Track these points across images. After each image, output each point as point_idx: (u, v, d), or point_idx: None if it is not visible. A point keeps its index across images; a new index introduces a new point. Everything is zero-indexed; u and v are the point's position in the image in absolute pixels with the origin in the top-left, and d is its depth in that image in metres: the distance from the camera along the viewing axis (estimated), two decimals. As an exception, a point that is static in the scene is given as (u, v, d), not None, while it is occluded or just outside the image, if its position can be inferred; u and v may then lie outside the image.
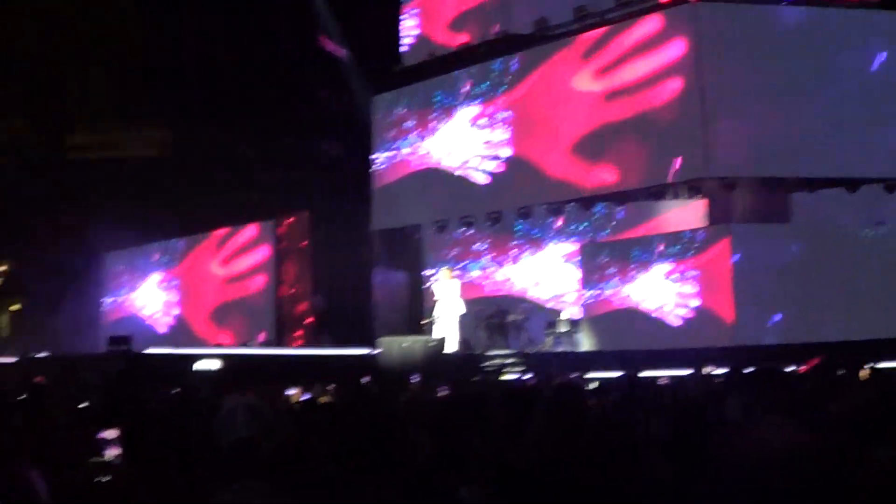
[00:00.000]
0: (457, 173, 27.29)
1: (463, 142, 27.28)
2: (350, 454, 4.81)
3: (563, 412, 5.31)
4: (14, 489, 3.36)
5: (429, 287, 23.81)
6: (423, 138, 28.31)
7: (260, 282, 31.86)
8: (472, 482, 4.33)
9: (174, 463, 5.34)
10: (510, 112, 26.39)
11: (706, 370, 14.69)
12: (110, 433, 5.89)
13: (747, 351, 19.22)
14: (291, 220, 31.38)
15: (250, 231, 32.36)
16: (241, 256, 32.74)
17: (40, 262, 41.00)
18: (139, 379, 16.76)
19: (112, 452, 5.81)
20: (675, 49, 23.04)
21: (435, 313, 23.12)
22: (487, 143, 26.76)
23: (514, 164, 26.05)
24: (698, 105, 22.34)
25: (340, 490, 4.56)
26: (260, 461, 3.96)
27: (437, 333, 22.72)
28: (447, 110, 27.82)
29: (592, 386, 13.25)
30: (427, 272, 28.40)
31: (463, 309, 22.97)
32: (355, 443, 4.98)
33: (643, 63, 23.67)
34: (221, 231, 33.37)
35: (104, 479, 5.54)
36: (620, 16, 24.66)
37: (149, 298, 36.24)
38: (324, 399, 11.11)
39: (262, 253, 31.86)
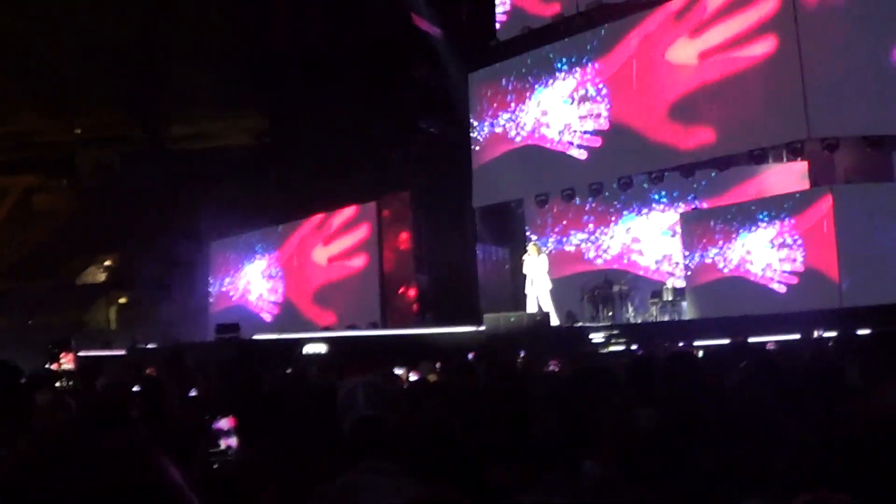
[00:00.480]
0: (555, 146, 27.61)
1: (560, 114, 27.63)
2: (473, 431, 5.07)
3: (679, 382, 5.55)
4: (149, 478, 3.36)
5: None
6: (520, 113, 28.67)
7: (362, 262, 32.19)
8: (596, 455, 4.20)
9: (294, 447, 5.62)
10: (606, 81, 26.71)
11: (816, 334, 14.71)
12: (226, 422, 6.01)
13: (855, 313, 19.21)
14: (392, 200, 31.69)
15: (350, 211, 32.69)
16: (343, 236, 33.11)
17: (146, 253, 41.92)
18: (250, 365, 17.27)
19: (229, 441, 5.93)
20: (771, 4, 23.08)
21: (526, 290, 23.42)
22: (585, 113, 27.09)
23: (613, 134, 26.33)
24: (796, 63, 22.35)
25: (465, 468, 4.75)
26: (382, 440, 3.99)
27: (530, 309, 23.02)
28: (543, 83, 28.18)
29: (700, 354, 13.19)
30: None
31: (550, 285, 23.20)
32: (478, 420, 5.29)
33: (737, 21, 23.85)
34: (322, 214, 33.76)
35: (224, 468, 5.76)
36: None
37: (253, 285, 36.80)
38: (433, 378, 11.08)
39: (363, 232, 32.18)
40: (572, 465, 4.01)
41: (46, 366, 17.71)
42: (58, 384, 13.69)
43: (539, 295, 23.10)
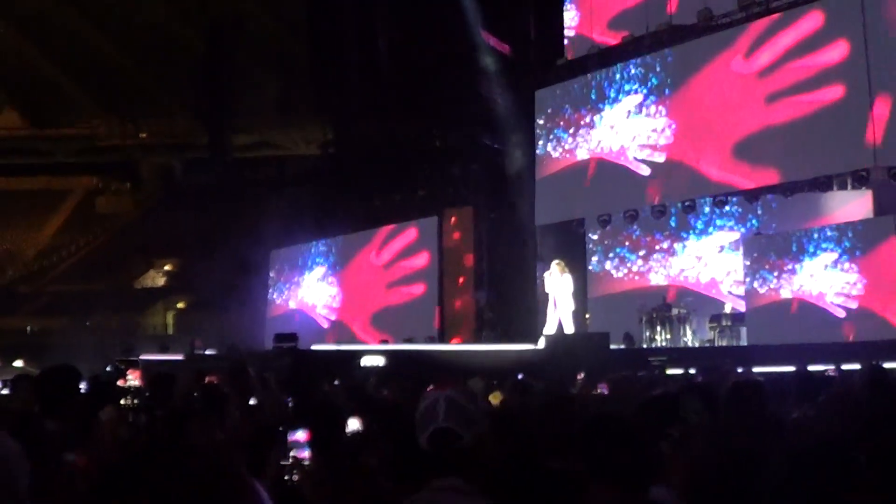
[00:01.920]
0: (619, 167, 27.81)
1: (625, 135, 27.87)
2: (549, 454, 5.22)
3: (746, 410, 5.57)
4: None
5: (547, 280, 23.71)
6: (585, 132, 28.92)
7: (422, 282, 32.32)
8: (665, 482, 4.29)
9: (365, 461, 5.84)
10: (672, 106, 26.92)
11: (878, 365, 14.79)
12: (302, 434, 5.92)
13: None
14: (455, 216, 31.93)
15: (412, 231, 32.89)
16: (403, 258, 33.26)
17: (206, 259, 42.43)
18: (311, 376, 17.55)
19: (302, 454, 5.85)
20: (841, 36, 23.22)
21: (548, 310, 23.21)
22: (649, 136, 27.25)
23: (677, 158, 26.49)
24: (865, 92, 22.45)
25: (537, 489, 4.91)
26: (459, 452, 3.97)
27: (549, 328, 22.98)
28: (609, 103, 28.43)
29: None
30: (590, 267, 28.97)
31: (573, 305, 23.11)
32: (546, 442, 5.40)
33: (809, 50, 23.92)
34: (385, 229, 34.00)
35: (297, 482, 5.77)
36: (786, 4, 24.92)
37: (313, 295, 37.13)
38: (495, 399, 11.26)
39: (424, 253, 32.34)
40: (642, 491, 4.00)
41: (110, 372, 18.08)
42: (123, 401, 13.99)
43: (562, 316, 22.95)
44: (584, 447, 4.12)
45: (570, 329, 22.96)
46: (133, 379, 18.83)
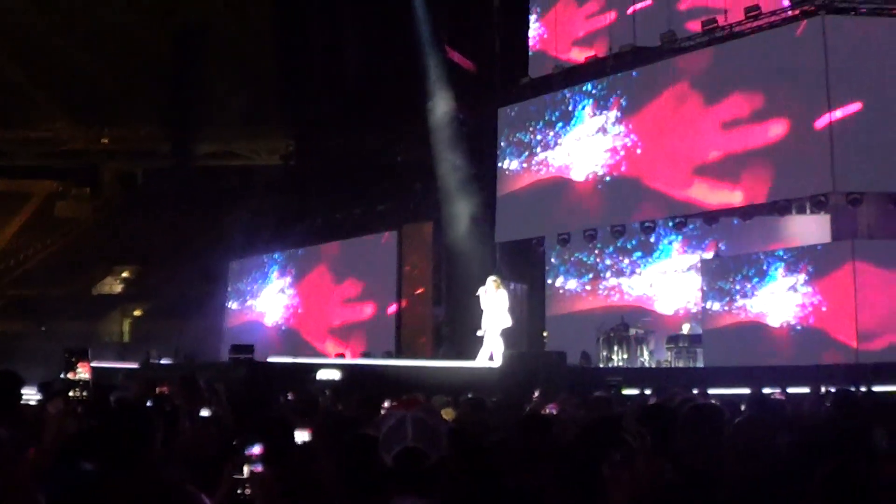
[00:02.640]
0: (580, 186, 27.87)
1: (586, 155, 27.91)
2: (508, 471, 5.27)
3: (703, 434, 5.53)
4: None
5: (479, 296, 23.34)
6: (547, 150, 28.98)
7: (379, 294, 32.28)
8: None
9: (324, 477, 5.73)
10: (633, 127, 27.00)
11: (823, 389, 14.87)
12: (257, 448, 5.85)
13: (873, 369, 19.37)
14: (414, 230, 31.89)
15: (372, 241, 32.83)
16: (361, 270, 33.15)
17: (164, 268, 42.19)
18: (266, 388, 17.41)
19: (256, 468, 5.78)
20: (803, 63, 23.40)
21: (482, 325, 22.62)
22: (610, 156, 27.31)
23: (638, 178, 26.58)
24: (825, 119, 22.63)
25: None
26: (424, 472, 3.95)
27: (484, 347, 22.64)
28: (572, 123, 28.47)
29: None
30: (549, 284, 29.02)
31: (509, 322, 22.87)
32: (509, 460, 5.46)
33: (771, 77, 24.09)
34: (343, 241, 33.91)
35: (250, 496, 5.71)
36: (749, 29, 25.09)
37: (271, 306, 37.00)
38: (448, 415, 11.27)
39: (385, 263, 32.28)
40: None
41: (63, 375, 17.78)
42: (71, 393, 13.78)
43: (491, 333, 22.50)
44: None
45: (496, 347, 22.65)
46: (83, 371, 18.53)
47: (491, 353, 22.22)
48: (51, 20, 52.11)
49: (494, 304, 22.33)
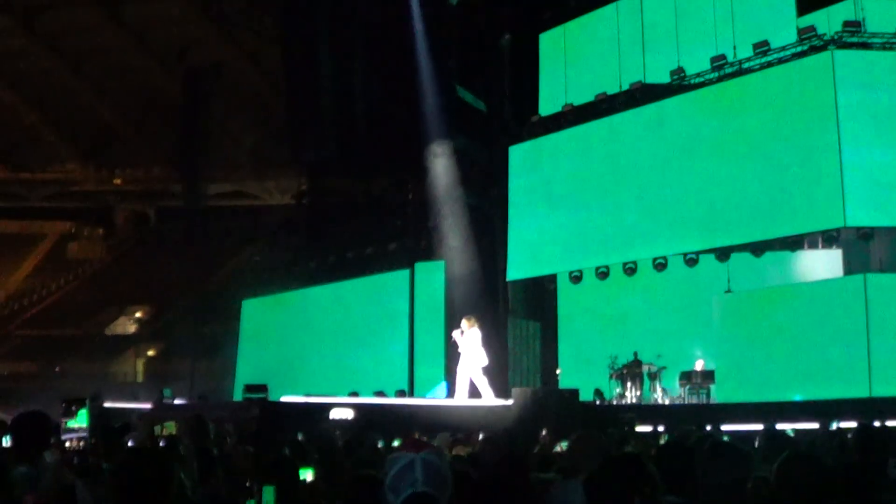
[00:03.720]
0: (592, 224, 27.79)
1: (598, 192, 27.84)
2: None
3: (722, 471, 5.38)
4: None
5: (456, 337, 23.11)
6: (558, 188, 28.88)
7: (393, 331, 32.12)
8: None
9: None
10: (644, 163, 26.92)
11: (835, 426, 14.81)
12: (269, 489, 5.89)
13: (887, 403, 19.32)
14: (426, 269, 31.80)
15: (385, 280, 32.73)
16: (376, 312, 33.01)
17: (177, 308, 42.18)
18: (276, 428, 17.33)
19: None
20: (813, 98, 23.38)
21: (460, 365, 22.42)
22: (622, 193, 27.28)
23: (650, 215, 26.51)
24: (835, 154, 22.57)
25: None
26: None
27: (459, 385, 22.60)
28: (582, 160, 28.41)
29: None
30: (562, 323, 28.97)
31: (485, 360, 22.76)
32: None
33: (781, 112, 24.08)
34: (356, 279, 33.80)
35: None
36: (758, 65, 25.10)
37: (285, 346, 36.77)
38: (461, 451, 10.89)
39: (398, 304, 32.13)
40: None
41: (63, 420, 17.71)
42: (68, 444, 13.67)
43: (471, 373, 22.56)
44: None
45: (482, 385, 22.48)
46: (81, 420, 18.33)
47: (473, 391, 22.20)
48: (63, 63, 52.43)
49: (471, 342, 22.19)
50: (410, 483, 3.86)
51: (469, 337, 22.08)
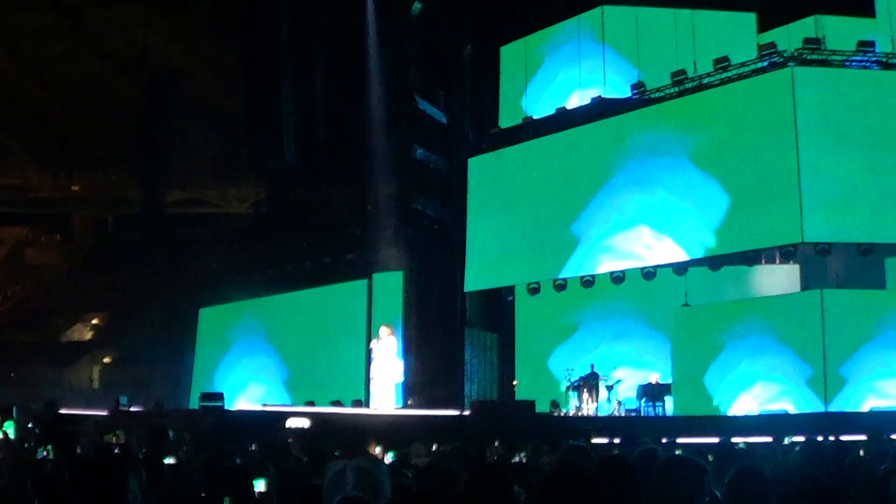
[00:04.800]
0: (550, 237, 27.74)
1: (556, 206, 27.79)
2: None
3: (679, 485, 5.30)
4: None
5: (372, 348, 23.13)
6: (516, 200, 28.81)
7: (349, 341, 31.97)
8: None
9: None
10: (602, 177, 26.89)
11: (787, 440, 14.87)
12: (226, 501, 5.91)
13: (846, 418, 19.43)
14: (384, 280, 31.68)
15: (343, 289, 32.59)
16: (332, 322, 32.88)
17: (134, 315, 41.83)
18: (231, 437, 17.18)
19: None
20: (772, 115, 23.42)
21: (372, 373, 22.89)
22: (580, 206, 27.23)
23: (606, 229, 26.50)
24: (793, 170, 22.60)
25: None
26: None
27: (375, 394, 22.58)
28: (540, 173, 28.36)
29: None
30: (519, 334, 28.92)
31: (399, 371, 22.75)
32: None
33: (740, 128, 24.12)
34: (313, 289, 33.64)
35: None
36: (718, 80, 25.13)
37: (241, 354, 36.56)
38: (417, 460, 11.08)
39: (355, 314, 31.97)
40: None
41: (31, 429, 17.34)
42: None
43: (382, 381, 22.60)
44: None
45: (387, 394, 22.36)
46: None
47: (379, 405, 22.27)
48: (21, 68, 51.90)
49: (386, 351, 22.53)
50: (341, 489, 3.97)
51: (385, 345, 22.15)
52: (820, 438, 13.56)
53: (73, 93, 52.00)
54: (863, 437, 14.94)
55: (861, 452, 12.44)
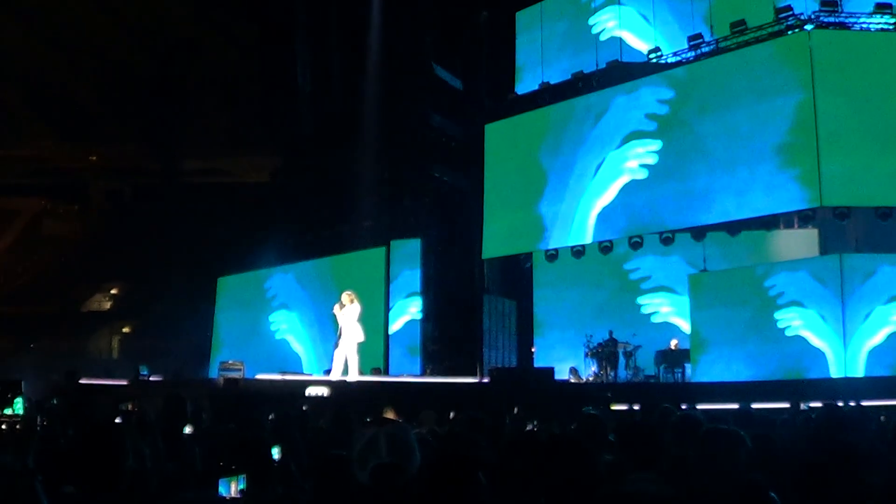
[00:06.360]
0: (566, 203, 27.69)
1: (572, 173, 27.71)
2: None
3: (693, 449, 5.42)
4: None
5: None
6: (533, 167, 28.74)
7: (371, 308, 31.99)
8: None
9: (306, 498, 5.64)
10: (619, 143, 26.79)
11: (803, 405, 14.85)
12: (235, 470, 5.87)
13: (865, 383, 19.40)
14: (402, 246, 31.68)
15: (361, 257, 32.58)
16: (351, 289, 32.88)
17: (153, 284, 41.95)
18: (250, 405, 17.25)
19: (233, 489, 5.76)
20: (789, 78, 23.26)
21: (339, 339, 22.69)
22: (597, 173, 27.15)
23: (624, 194, 26.41)
24: (811, 133, 22.48)
25: None
26: (401, 486, 3.96)
27: (337, 360, 22.56)
28: (556, 140, 28.28)
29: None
30: (537, 301, 28.94)
31: (361, 336, 22.76)
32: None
33: (757, 92, 23.96)
34: (332, 257, 33.67)
35: None
36: (735, 44, 24.99)
37: (260, 323, 36.68)
38: (424, 428, 10.91)
39: (373, 282, 31.97)
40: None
41: (55, 405, 17.40)
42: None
43: (346, 348, 22.50)
44: None
45: (353, 362, 22.49)
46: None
47: (345, 367, 22.27)
48: (35, 39, 51.91)
49: (349, 317, 22.39)
50: (375, 455, 4.00)
51: (348, 312, 22.19)
52: (840, 404, 13.59)
53: (88, 63, 52.04)
54: (884, 402, 14.94)
55: (882, 418, 12.44)
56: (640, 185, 26.19)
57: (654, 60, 26.67)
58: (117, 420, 9.89)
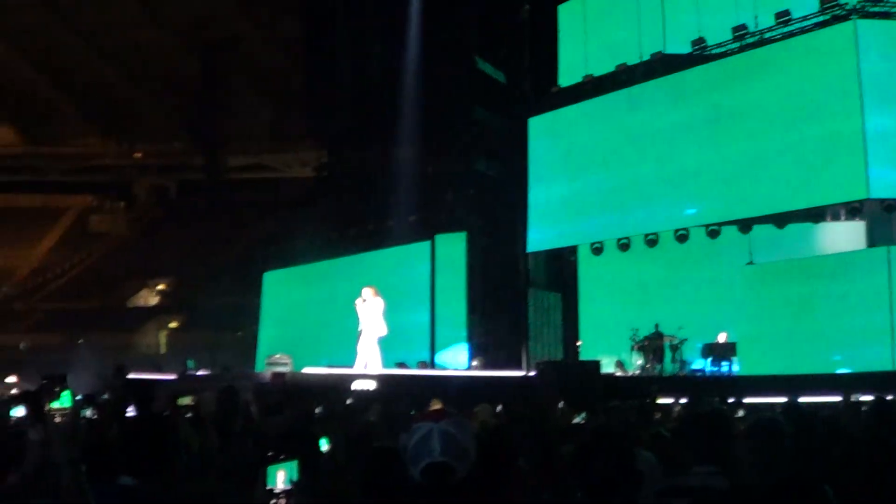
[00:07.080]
0: (612, 195, 27.62)
1: (618, 164, 27.65)
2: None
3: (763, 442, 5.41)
4: None
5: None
6: (577, 159, 28.70)
7: (414, 310, 32.03)
8: None
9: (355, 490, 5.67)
10: (665, 134, 26.69)
11: (853, 398, 14.79)
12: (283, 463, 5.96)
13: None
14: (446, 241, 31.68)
15: (406, 251, 32.60)
16: (396, 283, 32.92)
17: (199, 280, 42.20)
18: (298, 399, 17.35)
19: (280, 482, 5.87)
20: (835, 69, 23.10)
21: (360, 333, 23.05)
22: (643, 165, 27.07)
23: (671, 186, 26.31)
24: (858, 124, 22.31)
25: None
26: (453, 486, 3.92)
27: (360, 356, 22.88)
28: (602, 131, 28.22)
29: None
30: (582, 294, 28.91)
31: (384, 331, 22.75)
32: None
33: (803, 83, 23.81)
34: (377, 251, 33.70)
35: None
36: (780, 35, 24.82)
37: (307, 317, 36.74)
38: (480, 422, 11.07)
39: (419, 276, 31.99)
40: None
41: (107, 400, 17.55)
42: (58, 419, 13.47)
43: (367, 343, 22.76)
44: None
45: (374, 358, 22.71)
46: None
47: (366, 363, 22.34)
48: (81, 37, 52.36)
49: (371, 312, 22.76)
50: (428, 453, 3.91)
51: (371, 306, 22.19)
52: (889, 398, 13.52)
53: (132, 62, 52.45)
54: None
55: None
56: (685, 178, 26.09)
57: (698, 52, 26.52)
58: (169, 413, 10.00)
